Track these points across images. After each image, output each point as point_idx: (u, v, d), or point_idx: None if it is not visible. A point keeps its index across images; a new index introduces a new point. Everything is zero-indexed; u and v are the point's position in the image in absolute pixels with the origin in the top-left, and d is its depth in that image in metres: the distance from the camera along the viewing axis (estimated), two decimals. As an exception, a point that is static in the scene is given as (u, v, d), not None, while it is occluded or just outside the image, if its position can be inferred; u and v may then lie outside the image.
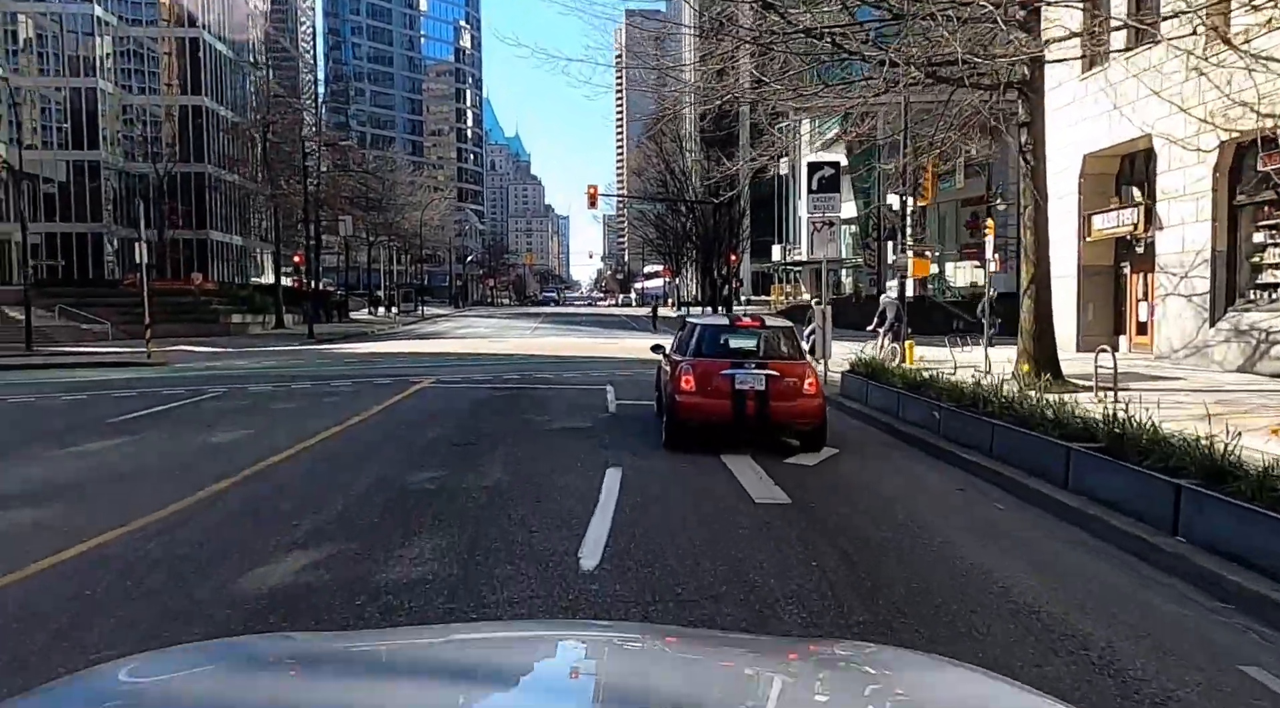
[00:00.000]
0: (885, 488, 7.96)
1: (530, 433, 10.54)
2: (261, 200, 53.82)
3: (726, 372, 9.36)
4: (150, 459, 8.62)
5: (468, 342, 34.97)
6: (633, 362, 22.08)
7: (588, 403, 13.65)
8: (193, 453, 8.97)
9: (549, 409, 12.84)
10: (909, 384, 11.55)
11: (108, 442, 9.69)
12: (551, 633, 2.27)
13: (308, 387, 15.70)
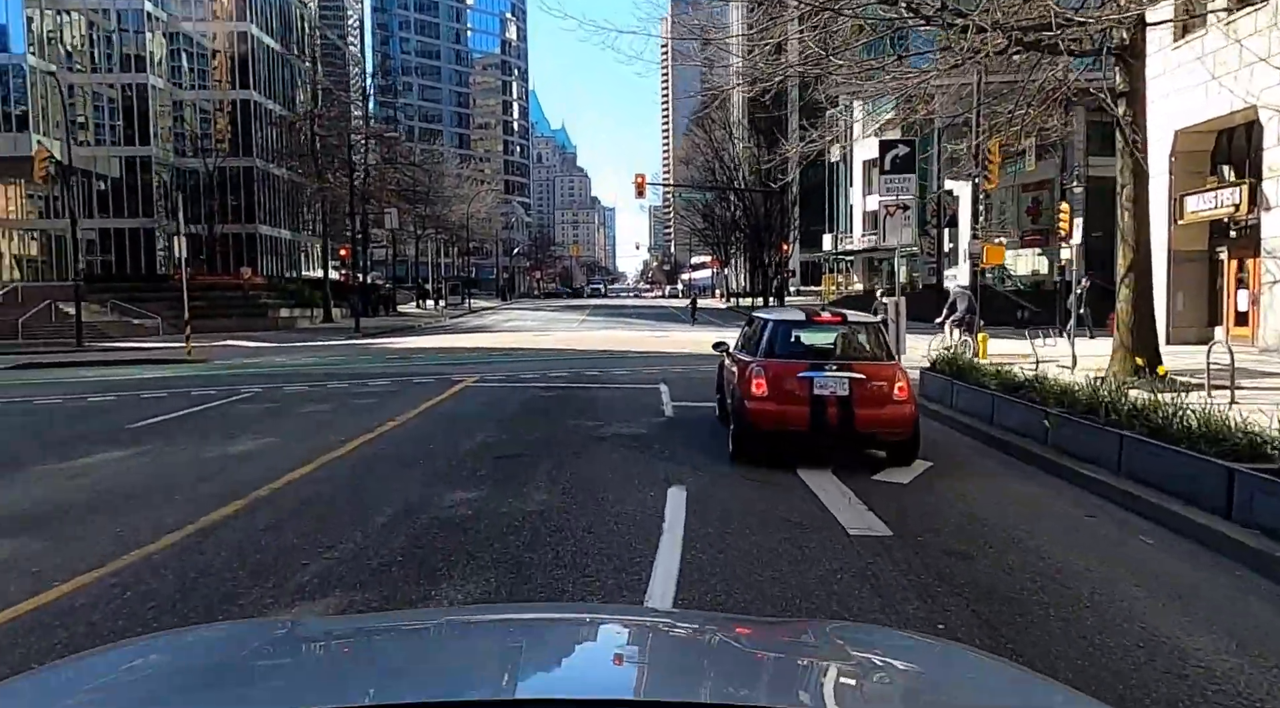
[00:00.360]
0: (999, 514, 6.70)
1: (580, 441, 9.46)
2: (309, 194, 53.71)
3: (804, 374, 8.16)
4: (155, 477, 7.72)
5: (513, 335, 34.13)
6: (685, 357, 20.91)
7: (641, 404, 12.54)
8: (204, 469, 8.05)
9: (600, 412, 11.76)
10: (1006, 386, 10.19)
11: (117, 453, 8.85)
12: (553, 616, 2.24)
13: (344, 387, 14.85)
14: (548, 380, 15.73)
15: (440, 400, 12.88)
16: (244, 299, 46.23)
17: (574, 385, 14.97)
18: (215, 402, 12.88)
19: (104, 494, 7.05)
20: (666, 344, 26.27)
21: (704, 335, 31.25)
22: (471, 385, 14.85)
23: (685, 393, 13.78)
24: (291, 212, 60.89)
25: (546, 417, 11.28)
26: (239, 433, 9.99)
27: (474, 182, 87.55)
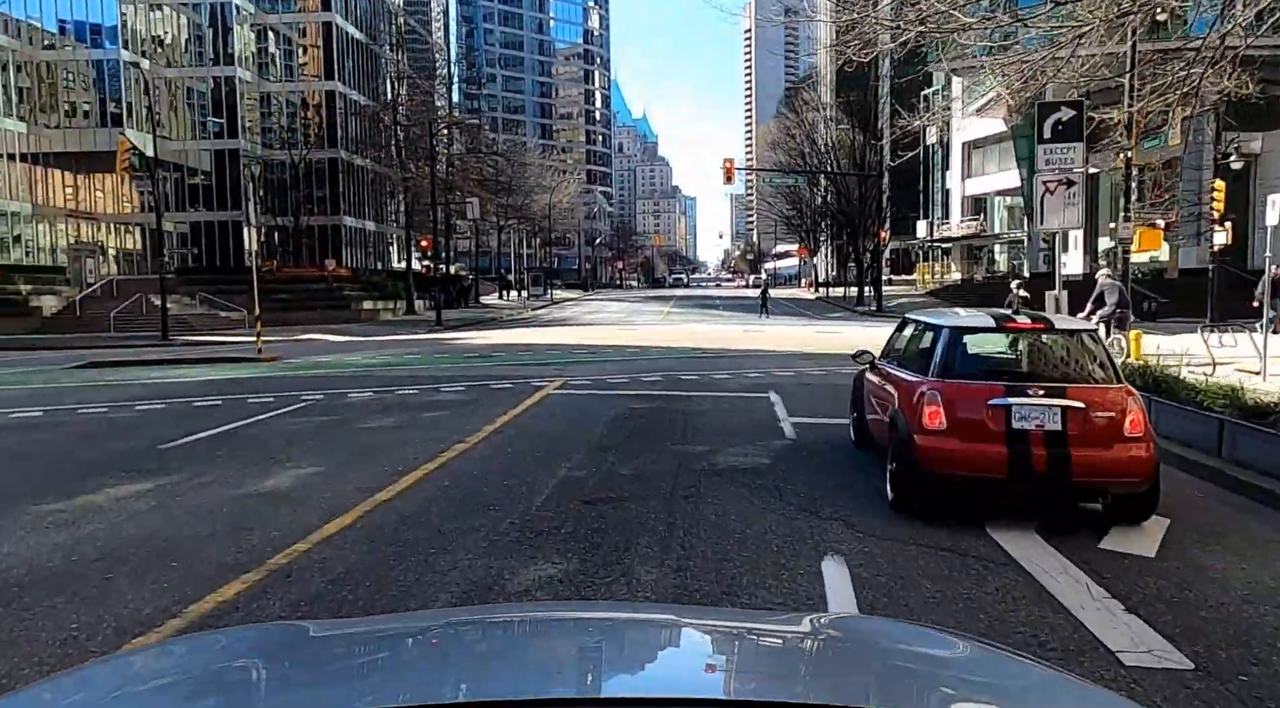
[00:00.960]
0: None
1: (689, 477, 7.52)
2: (393, 185, 53.25)
3: (998, 402, 6.03)
4: (156, 530, 6.10)
5: (598, 329, 32.44)
6: (790, 357, 18.76)
7: (753, 420, 10.53)
8: (220, 518, 6.40)
9: (706, 432, 9.80)
10: (1243, 408, 7.80)
11: (131, 489, 7.32)
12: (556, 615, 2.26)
13: (414, 393, 13.27)
14: (640, 387, 13.85)
15: (518, 413, 11.12)
16: (328, 292, 45.93)
17: (670, 393, 13.04)
18: (269, 413, 11.41)
19: (92, 553, 5.45)
20: (763, 341, 24.11)
21: (796, 331, 28.96)
22: (554, 393, 13.08)
23: (802, 405, 11.70)
24: (376, 203, 60.74)
25: (643, 438, 9.37)
26: (281, 459, 8.39)
27: (556, 171, 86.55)
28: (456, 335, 29.72)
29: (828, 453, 8.64)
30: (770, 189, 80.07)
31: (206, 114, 51.43)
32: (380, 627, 1.99)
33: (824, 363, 17.51)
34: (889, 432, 6.84)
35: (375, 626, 2.07)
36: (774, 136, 73.50)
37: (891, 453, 6.68)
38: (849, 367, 17.32)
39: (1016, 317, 6.77)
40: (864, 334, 26.36)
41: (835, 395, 12.61)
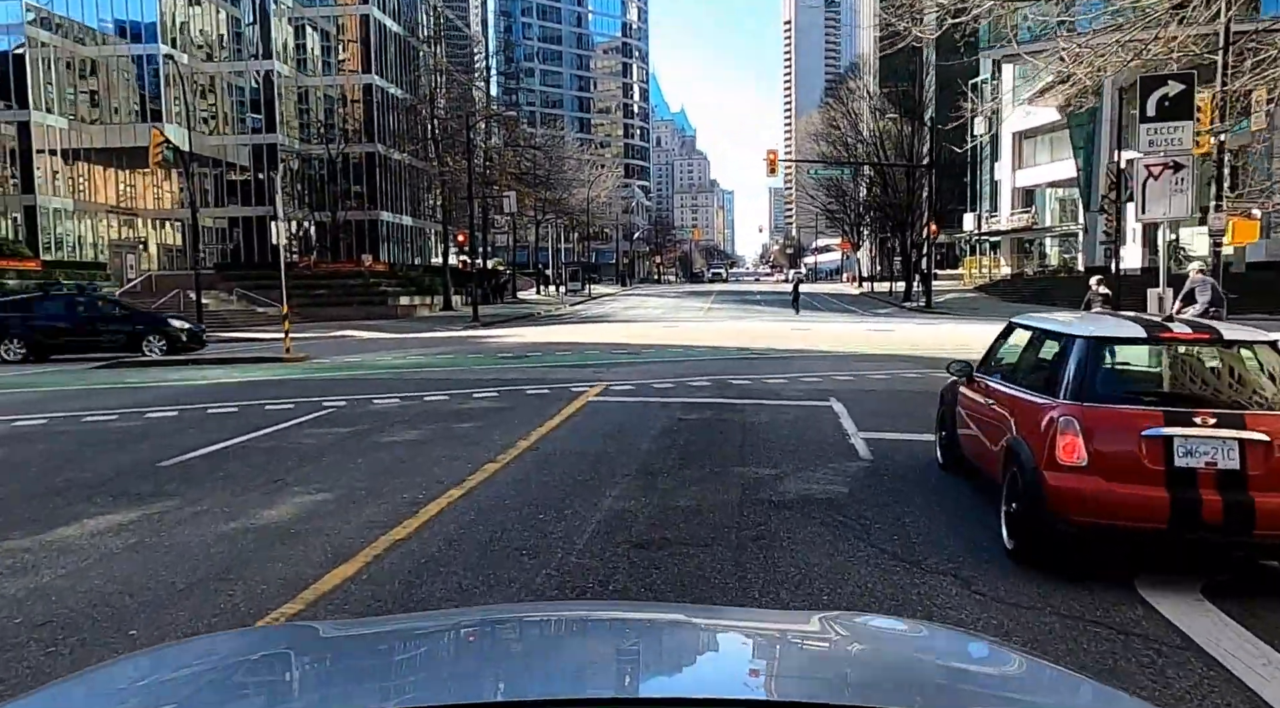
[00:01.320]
0: None
1: (755, 512, 6.37)
2: (429, 179, 52.65)
3: (1155, 432, 4.79)
4: (130, 577, 5.11)
5: (638, 327, 31.35)
6: (845, 358, 17.49)
7: (819, 436, 9.34)
8: (206, 559, 5.40)
9: (767, 449, 8.65)
10: None
11: (112, 520, 6.36)
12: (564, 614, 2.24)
13: (443, 400, 12.28)
14: (687, 393, 12.71)
15: (555, 425, 10.05)
16: (364, 287, 45.44)
17: (721, 401, 11.89)
18: (286, 422, 10.48)
19: (23, 627, 4.43)
20: (813, 340, 22.83)
21: (846, 329, 27.57)
22: (594, 400, 11.99)
23: (871, 416, 10.48)
24: (413, 197, 60.27)
25: (698, 458, 8.24)
26: (288, 482, 7.41)
27: (594, 165, 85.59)
28: (493, 333, 28.85)
29: (914, 479, 7.44)
30: (812, 181, 78.34)
31: (245, 109, 51.25)
32: (393, 627, 1.99)
33: (883, 365, 16.23)
34: (1003, 463, 5.62)
35: (387, 626, 2.08)
36: (817, 127, 71.72)
37: (1009, 491, 5.46)
38: (911, 369, 16.05)
39: (1171, 324, 5.49)
40: (919, 333, 24.98)
41: (906, 405, 11.38)
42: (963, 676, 1.59)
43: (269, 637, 1.95)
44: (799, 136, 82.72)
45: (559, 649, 1.70)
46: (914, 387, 13.27)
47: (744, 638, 1.78)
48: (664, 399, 12.07)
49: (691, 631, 1.84)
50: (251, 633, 2.41)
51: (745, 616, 2.59)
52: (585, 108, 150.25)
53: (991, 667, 1.67)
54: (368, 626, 2.20)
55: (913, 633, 1.98)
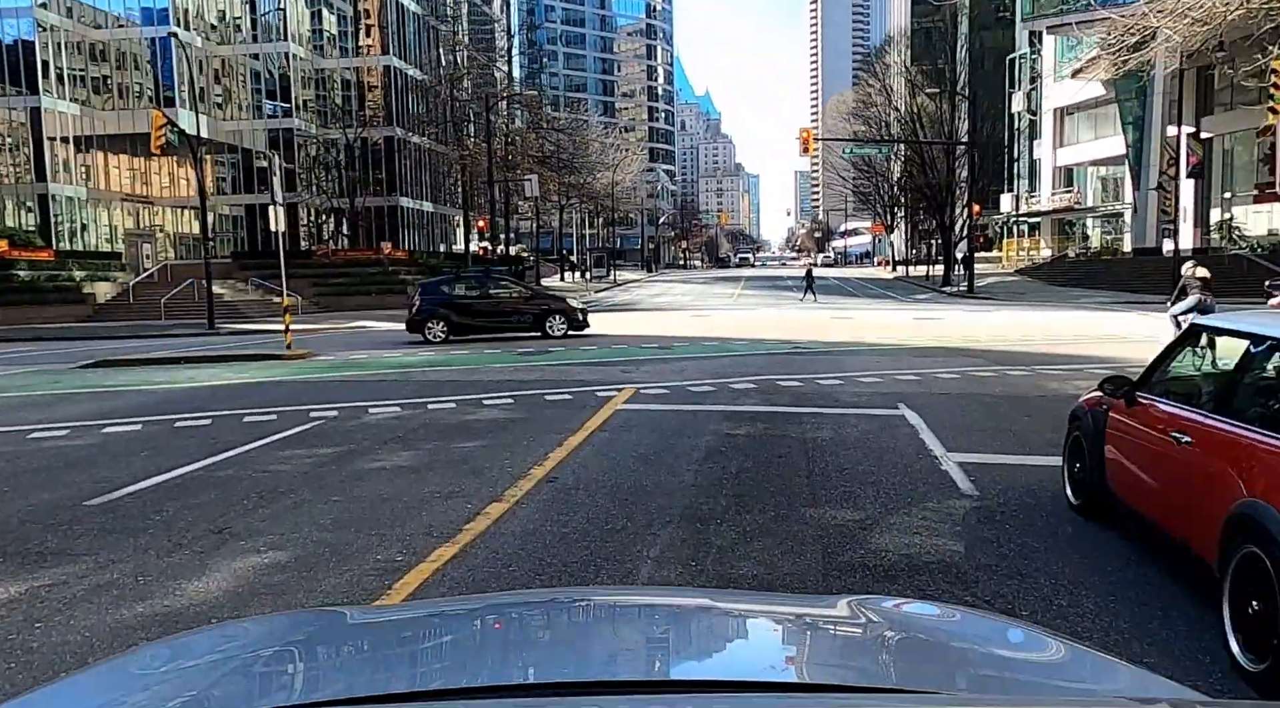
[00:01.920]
0: None
1: (849, 586, 4.67)
2: (449, 163, 51.11)
3: None
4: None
5: (667, 315, 29.64)
6: (899, 353, 15.67)
7: (901, 459, 7.59)
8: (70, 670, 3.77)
9: (840, 478, 6.92)
10: None
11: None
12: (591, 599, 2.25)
13: (448, 409, 10.65)
14: (730, 398, 11.00)
15: (578, 444, 8.37)
16: (383, 276, 44.06)
17: (772, 409, 10.16)
18: (260, 439, 8.89)
19: None
20: (859, 331, 20.98)
21: (891, 318, 25.56)
22: (623, 409, 10.30)
23: (955, 429, 8.72)
24: (433, 183, 58.78)
25: (756, 496, 6.52)
26: (236, 532, 5.80)
27: (618, 149, 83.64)
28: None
29: (1043, 528, 5.68)
30: (843, 162, 75.86)
31: (261, 94, 49.92)
32: (422, 613, 2.01)
33: (945, 361, 14.40)
34: (1224, 538, 3.85)
35: (416, 612, 2.09)
36: (850, 106, 69.23)
37: (1246, 582, 3.68)
38: (980, 366, 14.18)
39: None
40: (972, 322, 23.05)
41: (991, 414, 9.60)
42: (994, 659, 1.57)
43: (296, 622, 1.88)
44: (829, 117, 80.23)
45: (586, 633, 1.72)
46: (992, 389, 11.46)
47: (772, 623, 1.77)
48: (704, 407, 10.36)
49: (719, 615, 1.80)
50: (279, 618, 2.32)
51: (772, 600, 2.59)
52: (609, 91, 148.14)
53: (1023, 651, 1.64)
54: (395, 612, 2.37)
55: (945, 617, 1.96)
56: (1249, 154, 44.70)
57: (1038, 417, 9.42)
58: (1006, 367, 13.67)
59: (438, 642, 1.62)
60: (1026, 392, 11.28)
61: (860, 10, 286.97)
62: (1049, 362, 14.38)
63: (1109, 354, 15.33)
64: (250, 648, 1.57)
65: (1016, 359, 14.67)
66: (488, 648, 1.59)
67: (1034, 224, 71.06)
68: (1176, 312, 14.16)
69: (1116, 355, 15.08)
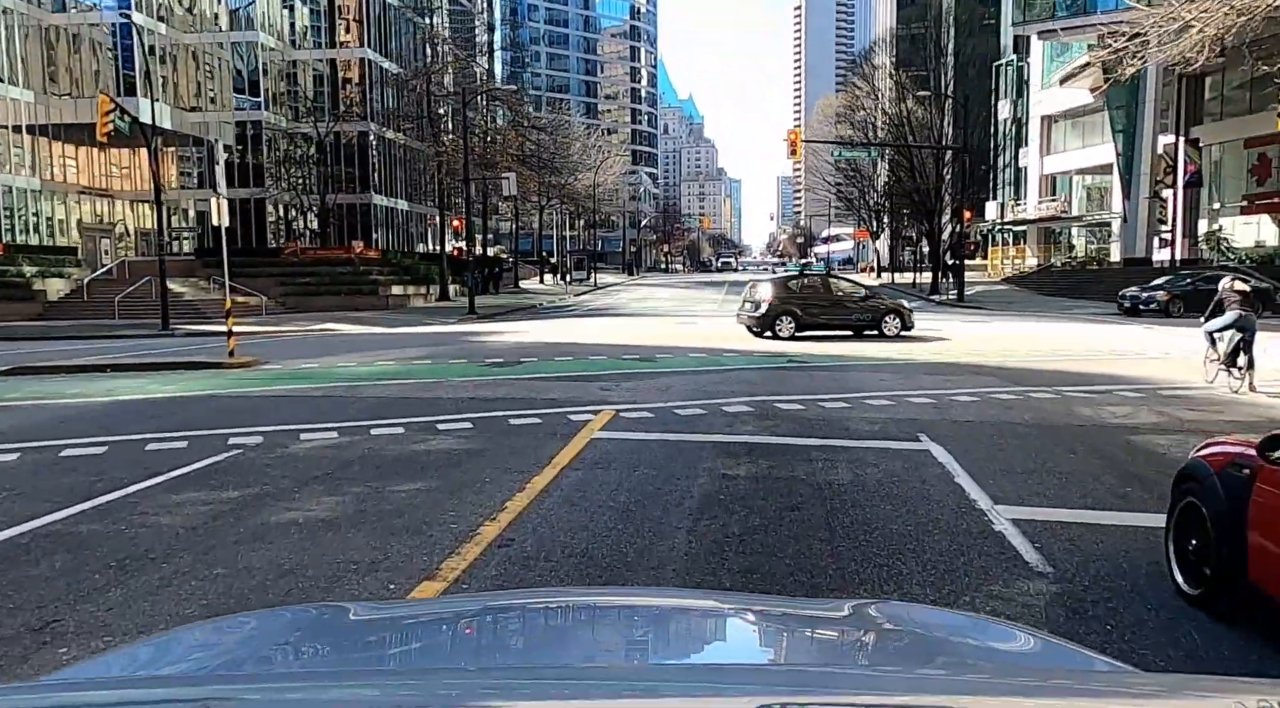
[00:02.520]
0: None
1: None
2: (425, 160, 49.36)
3: None
4: None
5: (649, 322, 28.16)
6: (907, 368, 14.24)
7: (940, 513, 6.12)
8: None
9: (870, 542, 5.45)
10: None
11: None
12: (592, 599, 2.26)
13: (394, 435, 9.09)
14: (724, 424, 9.52)
15: (544, 487, 6.85)
16: (354, 276, 42.27)
17: (773, 441, 8.69)
18: (154, 477, 7.28)
19: None
20: (854, 342, 19.59)
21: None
22: (600, 438, 8.79)
23: (995, 470, 7.31)
24: (409, 181, 56.95)
25: (766, 567, 5.03)
26: (66, 627, 4.24)
27: (600, 150, 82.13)
28: (488, 328, 25.69)
29: (1158, 628, 4.24)
30: (826, 167, 74.80)
31: (229, 85, 47.94)
32: (422, 609, 2.12)
33: (957, 380, 13.02)
34: None
35: (417, 609, 2.23)
36: (836, 109, 68.13)
37: None
38: (997, 386, 12.65)
39: None
40: (972, 334, 21.66)
41: (1028, 448, 8.21)
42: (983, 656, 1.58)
43: (299, 616, 1.88)
44: (815, 121, 79.22)
45: (586, 627, 1.73)
46: (1019, 417, 10.07)
47: (772, 622, 1.76)
48: (694, 437, 8.87)
49: (719, 614, 1.83)
50: (282, 612, 2.28)
51: (778, 603, 2.57)
52: (592, 93, 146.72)
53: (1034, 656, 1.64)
54: (396, 609, 2.34)
55: (946, 618, 2.02)
56: (1237, 164, 44.01)
57: (1085, 454, 8.02)
58: (1026, 388, 12.31)
59: (441, 637, 1.65)
60: (1059, 420, 9.90)
61: (844, 16, 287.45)
62: (1071, 382, 13.03)
63: (1133, 373, 14.02)
64: (254, 641, 1.62)
65: (1033, 378, 13.32)
66: (487, 640, 1.61)
67: (1020, 232, 70.36)
68: (1213, 328, 12.87)
69: (1141, 375, 13.78)
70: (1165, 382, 13.24)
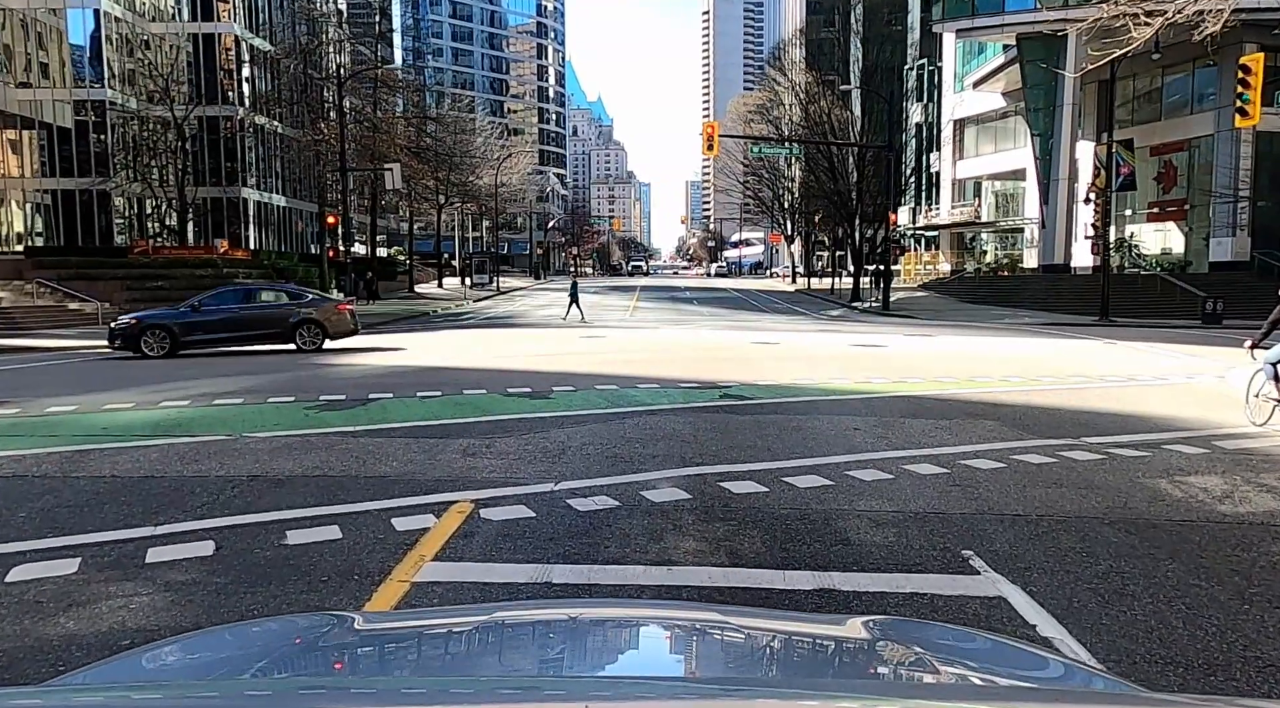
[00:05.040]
0: None
1: None
2: (300, 149, 44.10)
3: None
4: None
5: (552, 335, 24.29)
6: (877, 406, 10.73)
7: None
8: None
9: None
10: None
11: None
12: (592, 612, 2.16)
13: (64, 575, 5.03)
14: (648, 535, 5.78)
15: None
16: (215, 279, 36.94)
17: (737, 583, 5.00)
18: None
19: None
20: (794, 364, 16.19)
21: (820, 342, 20.41)
22: (430, 582, 4.93)
23: (1145, 655, 3.77)
24: (293, 174, 51.38)
25: None
26: None
27: (505, 146, 77.56)
28: (355, 344, 21.32)
29: None
30: (740, 168, 72.30)
31: (66, 57, 41.64)
32: (426, 621, 2.09)
33: (955, 427, 9.67)
34: None
35: (422, 619, 2.17)
36: (751, 107, 65.55)
37: None
38: (1020, 441, 8.41)
39: None
40: (919, 350, 18.41)
41: (1160, 585, 4.74)
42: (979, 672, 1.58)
43: (308, 623, 1.94)
44: (727, 122, 76.59)
45: (589, 638, 1.74)
46: (1085, 502, 6.69)
47: (771, 636, 1.77)
48: (597, 574, 5.11)
49: (719, 628, 1.83)
50: (289, 620, 2.38)
51: (780, 617, 2.53)
52: (499, 90, 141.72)
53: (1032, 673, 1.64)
54: (400, 619, 2.34)
55: (958, 636, 1.94)
56: (1145, 172, 43.22)
57: (1261, 603, 4.65)
58: (1048, 440, 9.05)
59: (435, 649, 1.67)
60: (1142, 507, 6.58)
61: (752, 21, 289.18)
62: (1093, 427, 9.87)
63: (1157, 412, 10.96)
64: (255, 649, 1.64)
65: (1045, 422, 10.12)
66: (495, 652, 1.62)
67: (932, 237, 69.43)
68: (1275, 358, 9.87)
69: (1169, 415, 10.73)
70: (1205, 424, 10.23)
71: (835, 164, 46.28)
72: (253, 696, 1.29)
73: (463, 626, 1.79)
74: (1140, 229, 47.40)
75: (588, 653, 1.66)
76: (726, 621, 1.87)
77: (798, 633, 1.80)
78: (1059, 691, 1.50)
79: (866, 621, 1.79)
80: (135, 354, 18.67)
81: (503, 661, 1.56)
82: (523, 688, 1.30)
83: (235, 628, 2.24)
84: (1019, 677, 1.59)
